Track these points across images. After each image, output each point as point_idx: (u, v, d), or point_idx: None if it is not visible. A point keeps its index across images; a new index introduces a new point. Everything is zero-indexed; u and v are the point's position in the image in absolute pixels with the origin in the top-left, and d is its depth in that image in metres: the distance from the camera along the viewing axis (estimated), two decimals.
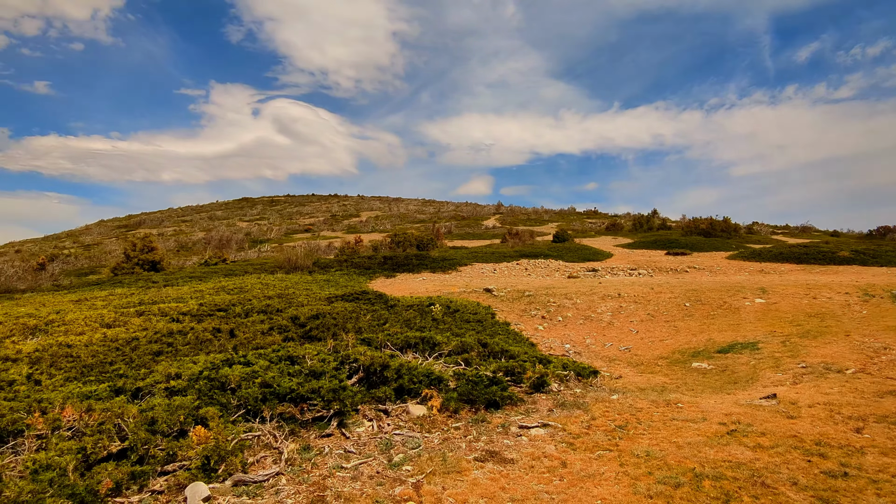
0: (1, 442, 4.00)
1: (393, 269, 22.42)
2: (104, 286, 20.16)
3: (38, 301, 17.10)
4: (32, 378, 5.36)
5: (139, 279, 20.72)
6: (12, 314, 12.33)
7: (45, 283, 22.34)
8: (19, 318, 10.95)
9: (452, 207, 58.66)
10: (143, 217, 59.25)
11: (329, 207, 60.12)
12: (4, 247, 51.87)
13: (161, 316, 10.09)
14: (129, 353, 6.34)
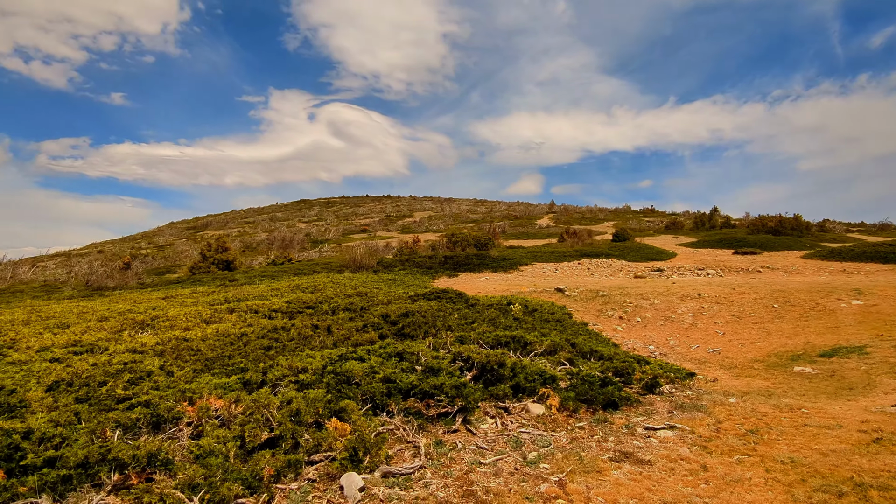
0: (157, 428, 4.30)
1: (454, 269, 22.52)
2: (185, 284, 21.31)
3: (129, 298, 18.28)
4: (165, 369, 5.73)
5: (216, 278, 21.78)
6: (114, 310, 13.23)
7: (130, 282, 23.88)
8: (124, 314, 11.73)
9: (504, 207, 58.37)
10: (209, 219, 62.22)
11: (383, 208, 61.13)
12: (88, 247, 55.64)
13: (252, 313, 10.55)
14: (242, 347, 6.67)
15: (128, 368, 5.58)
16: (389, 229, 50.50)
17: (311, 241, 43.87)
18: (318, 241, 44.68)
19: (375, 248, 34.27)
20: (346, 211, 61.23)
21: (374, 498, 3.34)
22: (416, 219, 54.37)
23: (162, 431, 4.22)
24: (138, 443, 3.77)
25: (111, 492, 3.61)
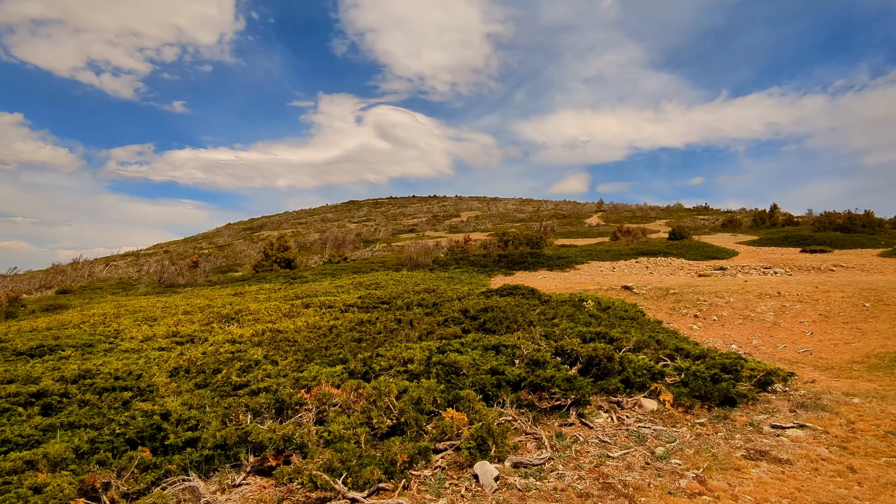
0: (280, 413, 4.42)
1: (509, 267, 22.36)
2: (251, 282, 22.10)
3: (201, 294, 19.10)
4: (269, 359, 5.92)
5: (279, 276, 22.47)
6: (193, 305, 13.84)
7: (199, 279, 24.97)
8: (204, 309, 12.24)
9: (551, 206, 57.59)
10: (264, 220, 64.33)
11: (429, 208, 61.51)
12: (154, 248, 58.57)
13: (327, 308, 10.80)
14: (334, 339, 6.82)
15: (236, 357, 5.80)
16: (437, 229, 50.72)
17: (363, 241, 44.62)
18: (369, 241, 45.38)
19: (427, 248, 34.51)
20: (393, 211, 61.97)
21: (510, 487, 3.31)
22: (463, 218, 54.38)
23: (285, 417, 4.34)
24: (273, 426, 3.88)
25: (250, 472, 3.73)
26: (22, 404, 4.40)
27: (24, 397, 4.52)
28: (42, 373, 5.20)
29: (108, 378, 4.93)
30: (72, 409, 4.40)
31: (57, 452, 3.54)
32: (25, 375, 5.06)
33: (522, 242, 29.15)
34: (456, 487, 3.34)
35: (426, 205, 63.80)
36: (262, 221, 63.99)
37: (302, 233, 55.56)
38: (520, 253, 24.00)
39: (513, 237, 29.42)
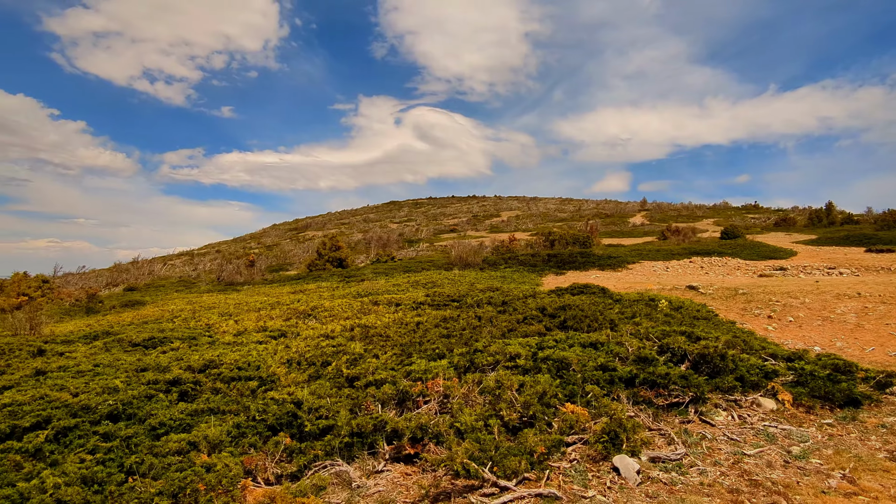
0: (401, 404, 4.57)
1: (559, 266, 22.18)
2: (307, 280, 22.70)
3: (262, 291, 19.75)
4: (370, 353, 6.11)
5: (333, 274, 22.99)
6: (264, 301, 14.33)
7: (256, 277, 25.81)
8: (280, 305, 12.65)
9: (593, 205, 56.73)
10: (308, 221, 65.83)
11: (469, 208, 61.59)
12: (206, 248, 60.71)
13: (395, 305, 11.00)
14: (423, 334, 6.96)
15: (340, 351, 6.00)
16: (478, 229, 50.72)
17: (406, 241, 45.06)
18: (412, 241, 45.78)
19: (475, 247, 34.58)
20: (433, 211, 62.31)
21: (654, 481, 3.32)
22: (504, 218, 54.18)
23: (405, 408, 4.48)
24: (408, 415, 4.02)
25: (389, 459, 3.87)
26: (162, 391, 4.70)
27: (163, 385, 4.82)
28: (168, 363, 5.52)
29: (231, 368, 5.20)
30: (207, 396, 4.67)
31: (215, 435, 3.77)
32: (155, 365, 5.39)
33: (569, 242, 28.84)
34: (599, 480, 3.38)
35: (465, 205, 63.90)
36: (306, 222, 65.47)
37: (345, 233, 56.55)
38: (569, 252, 23.77)
39: (559, 237, 29.14)
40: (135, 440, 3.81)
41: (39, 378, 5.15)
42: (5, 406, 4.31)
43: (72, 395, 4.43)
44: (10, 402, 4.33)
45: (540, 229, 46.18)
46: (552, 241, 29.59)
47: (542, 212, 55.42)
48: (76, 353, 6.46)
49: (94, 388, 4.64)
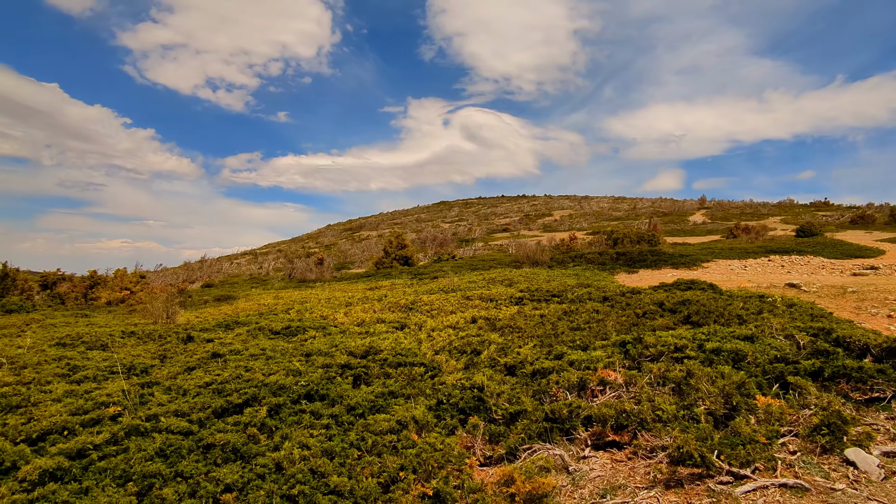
0: (580, 391, 4.53)
1: (629, 265, 21.63)
2: (377, 277, 23.10)
3: (338, 288, 20.22)
4: (510, 343, 6.12)
5: (402, 272, 23.30)
6: (353, 297, 14.63)
7: (326, 275, 26.49)
8: (380, 300, 12.89)
9: (648, 203, 55.11)
10: (361, 221, 67.07)
11: (520, 207, 61.13)
12: (266, 247, 62.73)
13: (488, 301, 11.01)
14: (551, 327, 6.92)
15: (479, 342, 6.03)
16: (531, 228, 50.21)
17: (460, 240, 45.13)
18: (466, 240, 45.80)
19: (535, 246, 34.28)
20: (484, 211, 62.22)
21: None
22: (556, 217, 53.45)
23: (588, 395, 4.43)
24: (608, 401, 3.97)
25: (590, 445, 3.83)
26: (339, 375, 4.84)
27: (336, 369, 4.97)
28: (327, 349, 5.70)
29: (392, 354, 5.31)
30: (383, 381, 4.77)
31: (421, 417, 3.85)
32: (317, 350, 5.58)
33: (633, 240, 28.10)
34: (835, 472, 3.23)
35: (516, 204, 63.45)
36: (360, 222, 66.70)
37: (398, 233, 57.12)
38: (638, 251, 23.14)
39: (622, 235, 28.44)
40: (341, 419, 3.93)
41: (218, 360, 5.42)
42: (207, 385, 4.55)
43: (264, 375, 4.63)
44: (212, 381, 4.57)
45: (595, 228, 45.27)
46: (615, 240, 28.92)
47: (596, 211, 54.29)
48: (227, 339, 6.78)
49: (276, 370, 4.84)
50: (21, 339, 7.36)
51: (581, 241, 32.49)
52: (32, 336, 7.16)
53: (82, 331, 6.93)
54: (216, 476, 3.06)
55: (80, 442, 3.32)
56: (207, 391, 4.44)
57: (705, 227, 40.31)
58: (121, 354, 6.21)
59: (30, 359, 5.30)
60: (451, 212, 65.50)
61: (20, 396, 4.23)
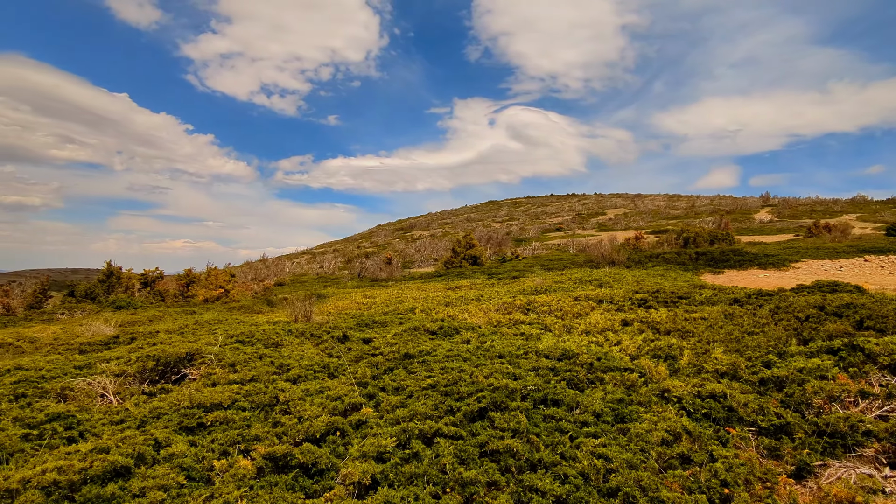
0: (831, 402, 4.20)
1: (712, 265, 20.75)
2: (450, 277, 23.04)
3: (416, 287, 20.23)
4: (693, 348, 5.82)
5: (475, 272, 23.16)
6: (441, 296, 14.56)
7: (396, 274, 26.66)
8: (485, 300, 12.75)
9: (707, 201, 53.01)
10: (412, 221, 67.51)
11: (571, 206, 60.06)
12: (323, 247, 64.00)
13: (608, 302, 10.67)
14: (717, 330, 6.56)
15: (666, 346, 5.75)
16: (585, 227, 49.22)
17: (514, 240, 44.70)
18: (520, 240, 45.35)
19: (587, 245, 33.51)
20: (534, 210, 61.47)
21: None
22: (610, 216, 52.19)
23: (828, 407, 4.09)
24: (864, 413, 3.64)
25: (889, 465, 3.50)
26: (548, 379, 4.67)
27: (545, 371, 4.81)
28: (515, 350, 5.56)
29: (589, 358, 5.11)
30: (599, 386, 4.57)
31: (691, 426, 3.61)
32: (506, 352, 5.44)
33: (706, 239, 27.00)
34: None
35: (566, 203, 62.38)
36: (410, 222, 67.15)
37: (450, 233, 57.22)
38: (719, 250, 22.17)
39: (694, 234, 27.36)
40: (596, 427, 3.75)
41: (409, 362, 5.36)
42: (432, 387, 4.47)
43: (484, 377, 4.51)
44: (434, 384, 4.48)
45: (654, 227, 43.91)
46: (685, 239, 27.87)
47: (651, 209, 52.66)
48: (389, 339, 6.76)
49: (489, 372, 4.71)
50: (182, 337, 7.58)
51: (647, 240, 31.50)
52: (209, 335, 7.36)
53: (248, 329, 7.06)
54: (531, 485, 2.92)
55: (375, 445, 3.26)
56: (435, 393, 4.35)
57: (773, 225, 38.42)
58: (293, 352, 6.26)
59: (236, 357, 5.38)
60: (501, 211, 65.04)
61: (266, 394, 4.25)
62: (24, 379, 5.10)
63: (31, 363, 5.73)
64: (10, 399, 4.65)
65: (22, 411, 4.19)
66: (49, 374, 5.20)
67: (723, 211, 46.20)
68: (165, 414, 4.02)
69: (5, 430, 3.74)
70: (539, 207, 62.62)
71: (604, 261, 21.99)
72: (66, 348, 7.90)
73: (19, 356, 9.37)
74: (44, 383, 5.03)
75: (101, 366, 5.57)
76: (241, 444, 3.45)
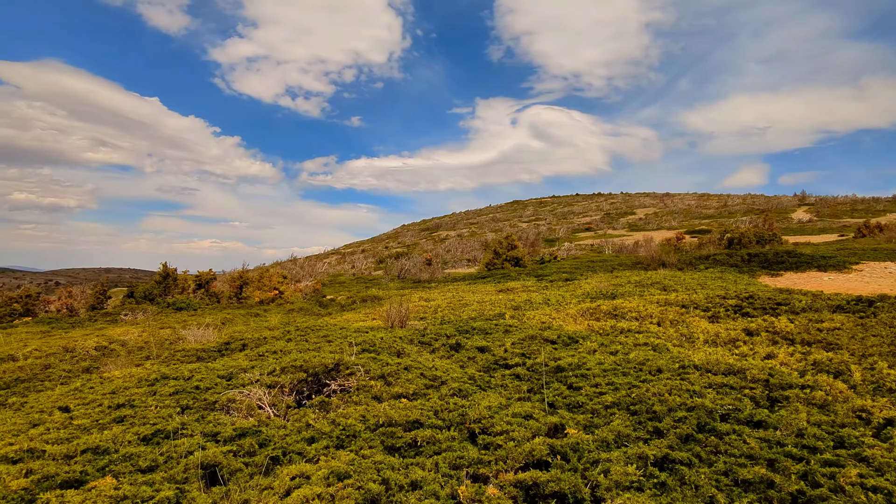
0: None
1: (765, 266, 20.21)
2: (495, 279, 22.79)
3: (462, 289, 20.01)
4: (860, 354, 5.53)
5: (521, 273, 22.88)
6: (516, 299, 14.32)
7: (437, 274, 26.51)
8: (562, 304, 12.50)
9: (739, 200, 51.90)
10: (437, 221, 67.39)
11: (598, 206, 59.34)
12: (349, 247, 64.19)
13: (680, 307, 10.37)
14: (861, 333, 6.25)
15: (815, 362, 5.46)
16: (615, 227, 48.57)
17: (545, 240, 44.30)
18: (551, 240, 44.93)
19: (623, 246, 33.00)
20: (560, 210, 60.90)
21: None
22: (640, 216, 51.43)
23: None
24: None
25: None
26: (740, 397, 4.42)
27: (724, 388, 4.56)
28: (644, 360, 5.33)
29: (762, 373, 4.85)
30: (790, 405, 4.31)
31: None
32: (658, 367, 5.20)
33: (751, 240, 26.36)
34: None
35: (593, 202, 61.64)
36: (435, 222, 67.04)
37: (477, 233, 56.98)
38: (773, 251, 21.59)
39: (739, 235, 26.72)
40: (835, 452, 3.49)
41: (562, 375, 5.15)
42: (614, 404, 4.26)
43: (668, 394, 4.29)
44: (618, 400, 4.27)
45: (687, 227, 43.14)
46: (730, 240, 27.25)
47: (683, 208, 51.75)
48: (507, 346, 6.56)
49: (664, 389, 4.48)
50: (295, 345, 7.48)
51: (687, 241, 30.88)
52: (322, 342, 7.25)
53: (367, 337, 6.93)
54: None
55: (621, 473, 3.06)
56: (622, 412, 4.14)
57: (813, 225, 37.43)
58: (422, 362, 6.10)
59: (384, 369, 5.23)
60: (526, 211, 64.56)
61: (453, 412, 4.09)
62: (181, 389, 5.02)
63: (172, 371, 5.67)
64: (177, 411, 4.56)
65: (206, 426, 4.09)
66: (201, 384, 5.12)
67: (757, 210, 45.19)
68: (359, 432, 3.87)
69: (207, 449, 3.62)
70: (565, 207, 62.00)
71: (653, 262, 21.55)
72: (172, 353, 7.86)
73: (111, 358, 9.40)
74: (202, 394, 4.94)
75: (242, 376, 5.47)
76: (467, 469, 3.28)
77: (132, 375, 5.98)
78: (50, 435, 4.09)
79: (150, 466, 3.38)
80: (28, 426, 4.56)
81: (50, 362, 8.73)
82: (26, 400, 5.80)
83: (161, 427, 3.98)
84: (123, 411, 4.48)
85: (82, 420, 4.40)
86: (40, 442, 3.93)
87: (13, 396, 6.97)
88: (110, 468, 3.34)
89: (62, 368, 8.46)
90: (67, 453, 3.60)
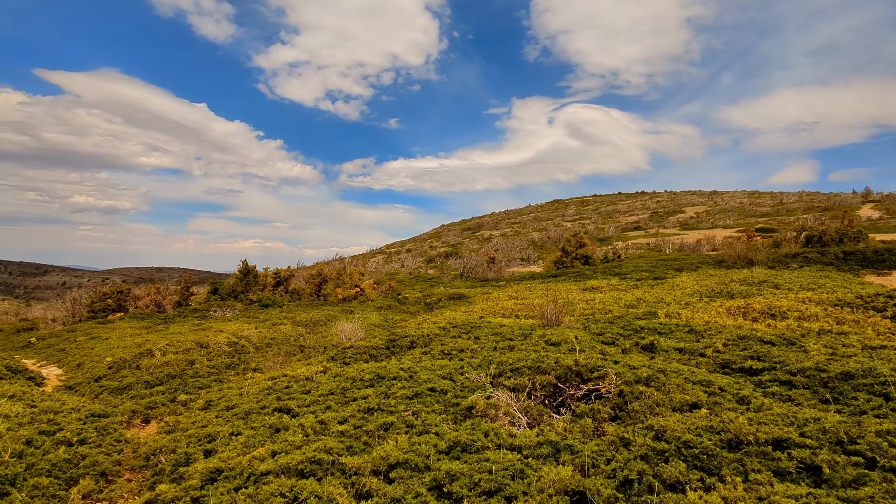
0: None
1: (866, 265, 18.80)
2: (568, 277, 21.92)
3: (540, 287, 19.27)
4: None
5: (597, 272, 21.98)
6: (623, 300, 13.51)
7: (504, 273, 25.81)
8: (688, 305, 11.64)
9: (795, 198, 49.47)
10: (478, 220, 66.67)
11: (643, 204, 57.58)
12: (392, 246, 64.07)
13: (833, 306, 9.41)
14: None
15: None
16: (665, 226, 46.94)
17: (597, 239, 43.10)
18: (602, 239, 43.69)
19: (687, 245, 31.60)
20: (604, 209, 59.39)
21: None
22: (690, 214, 49.63)
23: None
24: None
25: None
26: None
27: None
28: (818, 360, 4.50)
29: None
30: None
31: None
32: None
33: (833, 238, 24.76)
34: None
35: (637, 200, 59.85)
36: (477, 222, 66.35)
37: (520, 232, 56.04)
38: (872, 249, 20.10)
39: (820, 233, 25.15)
40: None
41: (851, 383, 4.38)
42: None
43: None
44: None
45: (743, 225, 41.28)
46: (808, 238, 25.69)
47: (735, 206, 49.64)
48: (720, 347, 5.83)
49: None
50: (472, 342, 6.90)
51: (756, 240, 29.33)
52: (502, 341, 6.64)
53: (561, 336, 6.28)
54: None
55: None
56: None
57: (886, 222, 35.25)
58: None
59: (641, 373, 4.56)
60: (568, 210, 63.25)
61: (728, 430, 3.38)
62: (418, 392, 4.46)
63: (383, 371, 5.12)
64: (443, 419, 3.99)
65: (500, 440, 3.49)
66: (436, 385, 4.54)
67: (818, 208, 42.91)
68: (664, 449, 3.20)
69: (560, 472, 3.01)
70: (609, 206, 60.40)
71: (740, 261, 20.34)
72: (341, 351, 7.36)
73: (247, 354, 9.02)
74: (438, 396, 4.37)
75: (465, 378, 4.88)
76: None
77: (326, 372, 5.47)
78: (323, 442, 3.56)
79: (496, 489, 2.78)
80: (271, 431, 4.06)
81: (192, 358, 8.38)
82: (224, 395, 5.33)
83: (455, 439, 3.39)
84: (381, 417, 3.93)
85: (338, 426, 3.86)
86: (321, 452, 3.39)
87: (182, 394, 6.58)
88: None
89: (207, 366, 8.10)
90: (375, 468, 3.03)
